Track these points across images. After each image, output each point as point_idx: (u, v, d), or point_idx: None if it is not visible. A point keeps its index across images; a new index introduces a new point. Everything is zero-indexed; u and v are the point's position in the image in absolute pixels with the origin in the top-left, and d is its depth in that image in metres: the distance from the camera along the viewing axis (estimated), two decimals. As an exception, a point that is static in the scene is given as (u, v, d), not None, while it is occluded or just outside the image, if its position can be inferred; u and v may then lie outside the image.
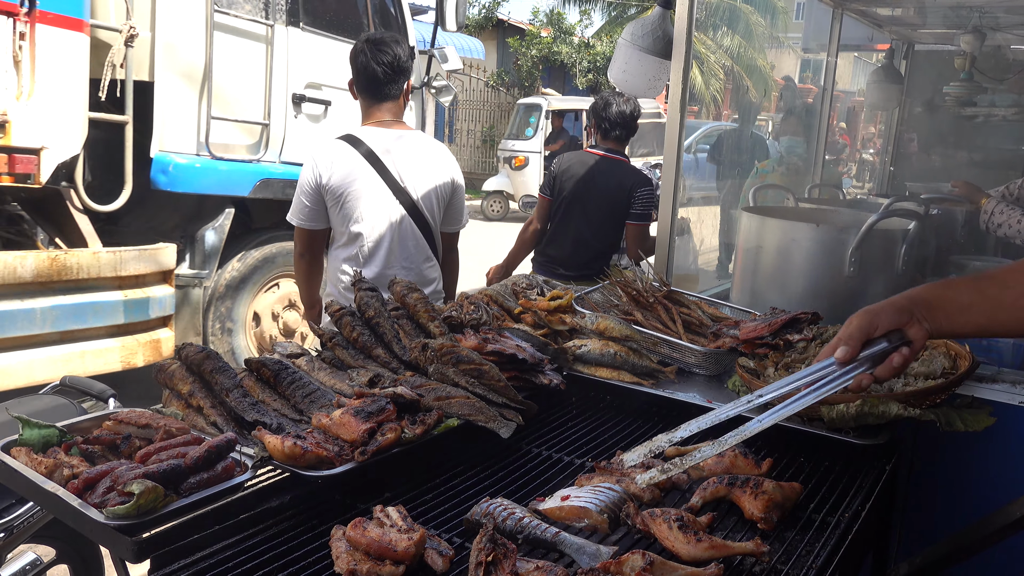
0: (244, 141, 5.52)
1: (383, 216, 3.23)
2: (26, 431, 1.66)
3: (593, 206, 4.35)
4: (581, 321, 2.45)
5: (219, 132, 5.30)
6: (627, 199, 4.30)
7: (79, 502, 1.42)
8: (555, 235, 4.49)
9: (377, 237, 3.23)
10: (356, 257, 3.26)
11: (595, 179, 4.34)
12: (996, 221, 2.97)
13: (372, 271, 3.24)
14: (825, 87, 5.36)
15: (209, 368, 1.90)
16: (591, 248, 4.37)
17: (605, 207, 4.34)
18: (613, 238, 4.45)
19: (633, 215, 4.32)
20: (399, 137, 3.28)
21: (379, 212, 3.22)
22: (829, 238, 2.72)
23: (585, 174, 4.35)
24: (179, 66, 5.07)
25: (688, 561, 1.42)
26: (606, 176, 4.34)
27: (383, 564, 1.36)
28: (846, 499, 1.72)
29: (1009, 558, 2.33)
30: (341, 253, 3.31)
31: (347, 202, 3.20)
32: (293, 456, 1.59)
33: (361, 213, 3.21)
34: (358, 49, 3.25)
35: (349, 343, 2.24)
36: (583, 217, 4.37)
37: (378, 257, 3.25)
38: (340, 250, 3.32)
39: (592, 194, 4.33)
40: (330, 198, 3.21)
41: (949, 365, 2.18)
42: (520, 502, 1.63)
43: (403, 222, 3.26)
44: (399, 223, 3.25)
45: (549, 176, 4.53)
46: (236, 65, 5.32)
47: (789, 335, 2.30)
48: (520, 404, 2.02)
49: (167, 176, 5.05)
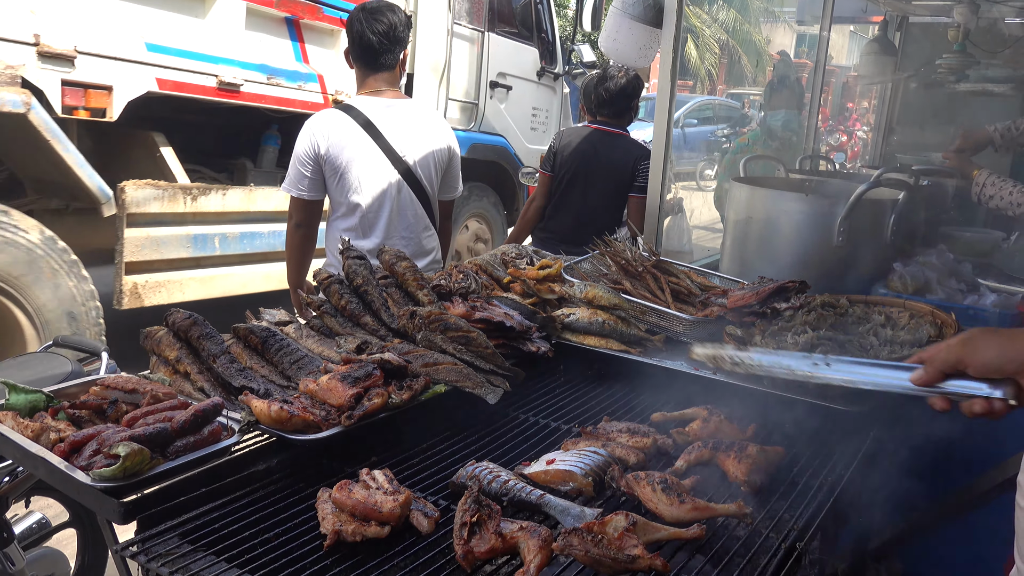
0: (460, 115, 7.36)
1: (382, 186, 3.20)
2: (12, 396, 1.66)
3: (595, 180, 4.28)
4: (570, 290, 2.45)
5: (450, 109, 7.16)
6: (630, 172, 4.22)
7: (66, 465, 1.43)
8: (556, 210, 4.42)
9: (377, 207, 3.20)
10: (356, 228, 3.22)
11: (597, 153, 4.27)
12: (987, 193, 2.97)
13: (373, 241, 3.20)
14: (818, 59, 5.34)
15: (196, 334, 1.90)
16: (593, 223, 4.13)
17: (608, 181, 4.27)
18: (615, 212, 4.37)
19: (636, 188, 4.22)
20: (395, 106, 3.24)
21: (378, 182, 3.19)
22: (818, 208, 2.72)
23: (587, 148, 4.29)
24: (429, 62, 6.78)
25: (671, 522, 1.44)
26: (608, 150, 4.27)
27: (368, 525, 1.37)
28: (829, 463, 1.74)
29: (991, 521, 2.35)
30: (340, 224, 3.27)
31: (346, 172, 3.16)
32: (280, 420, 1.60)
33: (360, 183, 3.17)
34: (353, 18, 3.18)
35: (337, 311, 2.24)
36: (585, 192, 4.30)
37: (378, 227, 3.22)
38: (339, 221, 3.28)
39: (594, 168, 4.27)
40: (328, 168, 3.17)
41: (935, 333, 2.19)
42: (506, 466, 1.65)
43: (402, 191, 3.23)
44: (398, 192, 3.22)
45: (549, 151, 4.43)
46: (459, 60, 7.16)
47: (777, 303, 2.31)
48: (507, 371, 2.03)
49: None
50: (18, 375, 2.42)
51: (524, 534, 1.32)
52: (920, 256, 2.86)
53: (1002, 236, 3.47)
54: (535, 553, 1.28)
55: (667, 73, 3.01)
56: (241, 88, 5.30)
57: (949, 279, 2.75)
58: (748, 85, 22.61)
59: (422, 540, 1.40)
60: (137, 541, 1.34)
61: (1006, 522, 2.34)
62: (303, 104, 5.72)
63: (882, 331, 2.23)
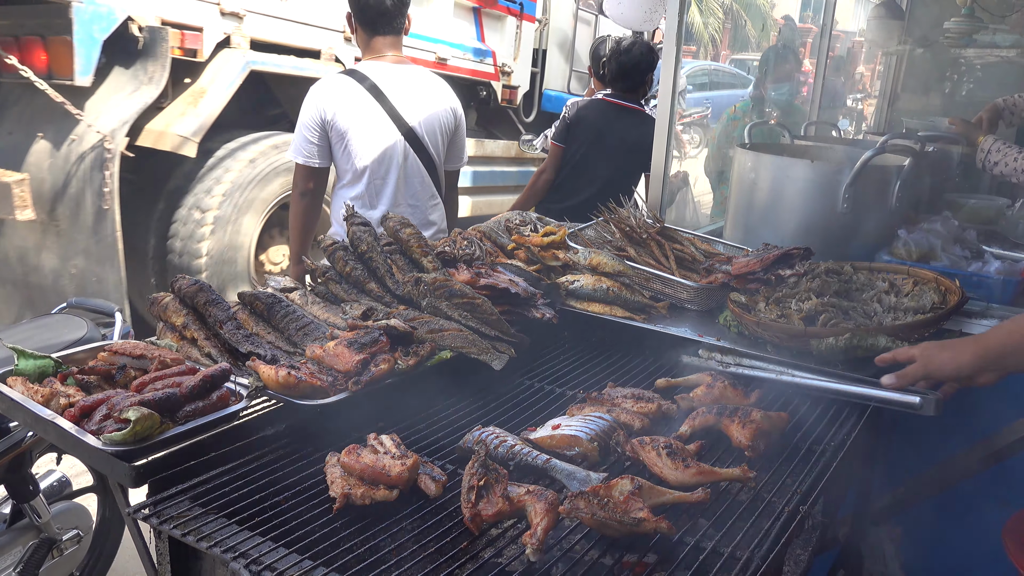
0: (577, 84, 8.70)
1: (388, 153, 3.14)
2: (21, 361, 1.67)
3: (611, 157, 4.17)
4: (574, 257, 2.46)
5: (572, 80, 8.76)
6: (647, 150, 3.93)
7: (76, 429, 1.44)
8: (569, 186, 4.29)
9: (383, 174, 3.15)
10: (363, 196, 3.17)
11: (613, 129, 4.16)
12: (992, 159, 2.95)
13: (380, 210, 3.14)
14: (824, 23, 5.27)
15: (202, 300, 1.91)
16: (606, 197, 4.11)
17: (623, 158, 4.17)
18: (629, 189, 4.24)
19: None
20: (401, 71, 3.19)
21: (384, 148, 3.14)
22: (823, 174, 2.71)
23: (602, 124, 4.18)
24: (557, 39, 8.35)
25: (676, 486, 1.46)
26: (624, 126, 4.17)
27: (377, 488, 1.39)
28: (832, 429, 1.75)
29: (989, 487, 2.38)
30: (346, 192, 3.21)
31: (352, 139, 3.11)
32: (287, 386, 1.61)
33: (366, 150, 3.12)
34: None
35: (342, 277, 2.24)
36: (599, 169, 4.19)
37: (384, 195, 3.18)
38: (345, 189, 3.22)
39: (610, 145, 4.16)
40: (334, 134, 3.12)
41: (938, 300, 2.20)
42: (512, 432, 1.66)
43: (408, 158, 3.17)
44: (404, 159, 3.16)
45: (563, 123, 4.30)
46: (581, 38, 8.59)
47: (781, 270, 2.32)
48: (512, 337, 2.04)
49: (550, 102, 8.40)
50: (38, 336, 2.46)
51: (531, 497, 1.34)
52: (925, 223, 2.85)
53: (1007, 203, 3.46)
54: (542, 516, 1.30)
55: (672, 38, 2.97)
56: (448, 62, 6.77)
57: (953, 246, 2.75)
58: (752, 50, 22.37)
59: (430, 503, 1.42)
60: (149, 504, 1.36)
61: (1005, 487, 2.37)
62: (483, 74, 7.41)
63: (886, 298, 2.23)
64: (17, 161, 4.36)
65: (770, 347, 2.11)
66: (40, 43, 4.24)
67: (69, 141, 4.30)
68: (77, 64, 4.19)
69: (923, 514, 2.51)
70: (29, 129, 4.43)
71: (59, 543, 2.60)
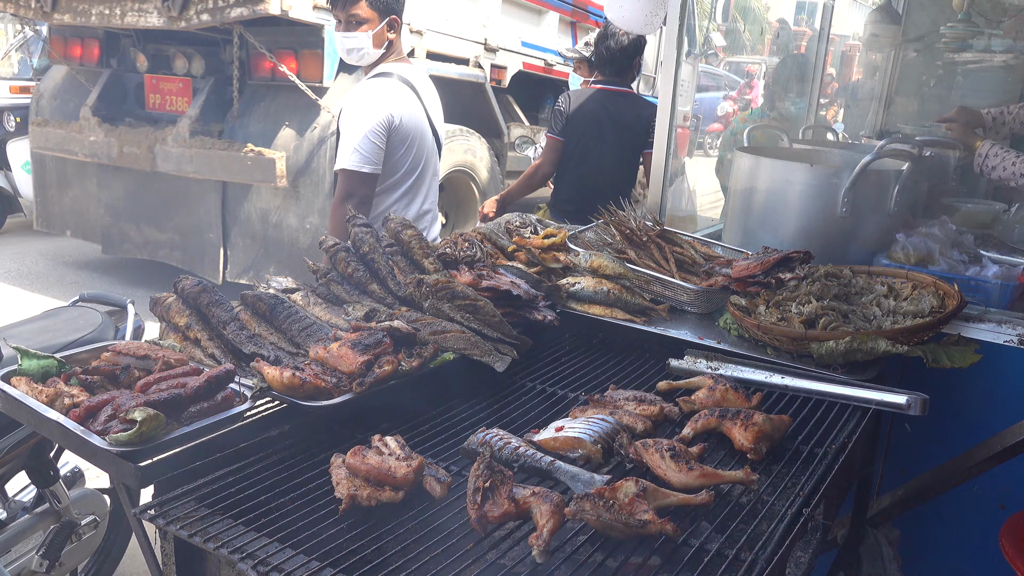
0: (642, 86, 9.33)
1: (432, 157, 3.24)
2: (25, 361, 1.67)
3: (609, 142, 4.21)
4: (575, 259, 2.46)
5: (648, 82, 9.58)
6: (643, 129, 4.14)
7: (82, 429, 1.45)
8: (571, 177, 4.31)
9: (428, 178, 3.25)
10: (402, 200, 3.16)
11: (608, 114, 4.20)
12: (990, 164, 2.97)
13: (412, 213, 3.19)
14: (822, 28, 5.30)
15: (206, 301, 1.91)
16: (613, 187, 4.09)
17: (622, 142, 4.22)
18: (631, 172, 4.35)
19: (650, 143, 3.87)
20: (419, 72, 3.27)
21: (431, 154, 3.23)
22: (823, 178, 2.72)
23: (597, 110, 4.21)
24: None
25: (680, 489, 1.46)
26: (618, 110, 4.21)
27: (383, 490, 1.40)
28: (833, 432, 1.76)
29: (986, 489, 2.40)
30: (388, 198, 3.17)
31: (411, 145, 3.10)
32: (292, 387, 1.61)
33: (419, 155, 3.15)
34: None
35: (344, 278, 2.24)
36: (601, 155, 4.22)
37: (421, 197, 3.23)
38: (387, 195, 3.17)
39: (607, 130, 4.20)
40: (398, 140, 3.07)
41: (937, 304, 2.21)
42: (515, 433, 1.66)
43: (436, 163, 3.28)
44: (435, 164, 3.28)
45: (557, 114, 4.30)
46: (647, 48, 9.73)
47: (781, 273, 2.33)
48: (514, 339, 2.04)
49: None
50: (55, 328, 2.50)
51: (536, 499, 1.35)
52: (923, 227, 2.87)
53: (1003, 207, 3.48)
54: (547, 518, 1.30)
55: (673, 41, 2.99)
56: (553, 67, 8.50)
57: (951, 250, 2.76)
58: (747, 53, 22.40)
59: (435, 505, 1.43)
60: (155, 504, 1.36)
61: (1003, 490, 2.39)
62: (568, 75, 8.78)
63: (885, 301, 2.25)
64: (267, 143, 5.82)
65: (770, 350, 2.13)
66: (292, 54, 5.73)
67: (312, 127, 5.77)
68: (325, 70, 5.71)
69: (921, 516, 2.53)
70: (276, 119, 5.91)
71: (78, 527, 2.65)
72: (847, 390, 1.88)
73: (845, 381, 1.93)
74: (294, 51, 5.73)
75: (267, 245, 6.06)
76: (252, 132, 5.92)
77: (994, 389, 2.33)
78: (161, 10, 5.38)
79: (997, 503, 2.41)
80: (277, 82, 5.81)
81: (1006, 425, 2.27)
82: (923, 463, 2.48)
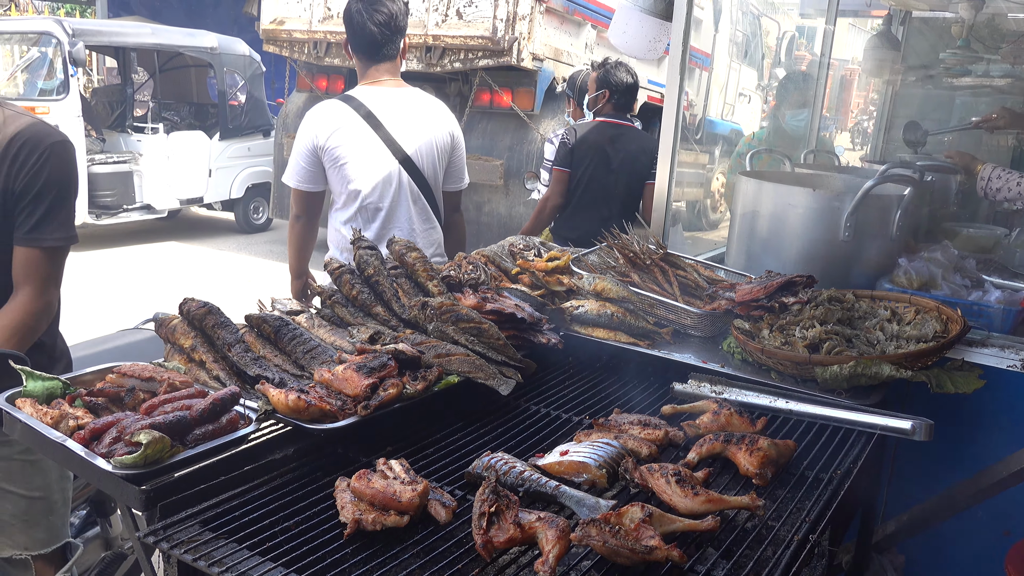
0: None
1: (382, 177, 3.18)
2: (30, 383, 1.67)
3: (617, 175, 4.39)
4: (578, 282, 2.47)
5: None
6: (648, 162, 4.32)
7: (86, 452, 1.44)
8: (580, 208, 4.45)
9: (376, 199, 3.19)
10: (355, 219, 3.21)
11: (615, 147, 4.37)
12: (994, 186, 2.98)
13: (372, 233, 3.19)
14: (823, 53, 5.34)
15: (211, 323, 1.91)
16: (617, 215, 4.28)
17: (628, 174, 4.40)
18: (635, 202, 4.53)
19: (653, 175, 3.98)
20: (397, 96, 3.22)
21: (378, 173, 3.17)
22: (825, 203, 2.74)
23: (603, 143, 4.38)
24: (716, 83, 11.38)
25: (685, 514, 1.46)
26: (624, 143, 4.39)
27: (388, 514, 1.39)
28: (838, 457, 1.76)
29: (991, 516, 2.39)
30: (340, 215, 3.26)
31: (345, 164, 3.14)
32: (297, 409, 1.61)
33: (360, 174, 3.15)
34: (352, 9, 3.13)
35: (348, 301, 2.25)
36: (608, 187, 4.40)
37: (378, 219, 3.22)
38: (339, 212, 3.27)
39: (614, 163, 4.37)
40: (328, 159, 3.15)
41: (941, 328, 2.22)
42: (519, 457, 1.66)
43: (402, 183, 3.21)
44: (398, 184, 3.20)
45: (564, 149, 4.46)
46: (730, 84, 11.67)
47: (784, 297, 2.33)
48: (519, 362, 2.05)
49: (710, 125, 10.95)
50: None
51: (542, 524, 1.34)
52: (925, 251, 2.88)
53: (1004, 232, 3.50)
54: (553, 543, 1.30)
55: (677, 66, 3.01)
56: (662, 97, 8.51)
57: (954, 275, 2.77)
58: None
59: (440, 530, 1.42)
60: (159, 528, 1.35)
61: (1008, 516, 2.38)
62: None
63: (888, 326, 2.25)
64: (485, 154, 8.01)
65: (774, 374, 2.13)
66: (510, 91, 7.97)
67: (523, 143, 7.92)
68: (536, 102, 7.94)
69: (926, 542, 2.52)
70: (493, 136, 8.11)
71: (128, 558, 2.66)
72: (852, 415, 1.88)
73: (849, 406, 1.93)
74: (511, 88, 7.98)
75: (479, 230, 7.85)
76: (472, 146, 7.72)
77: (999, 415, 2.33)
78: (421, 59, 7.95)
79: (1002, 529, 2.39)
80: (493, 110, 8.07)
81: (1011, 451, 2.26)
82: (928, 489, 2.47)
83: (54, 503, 2.36)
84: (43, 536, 2.35)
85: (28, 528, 2.33)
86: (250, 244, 11.07)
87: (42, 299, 2.15)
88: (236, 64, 11.29)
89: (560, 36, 8.67)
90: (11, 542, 2.33)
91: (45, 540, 2.35)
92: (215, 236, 11.41)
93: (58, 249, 2.17)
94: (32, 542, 2.34)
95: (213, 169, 11.14)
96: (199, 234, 11.49)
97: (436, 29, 8.09)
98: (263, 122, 11.71)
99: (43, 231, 2.12)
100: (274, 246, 10.86)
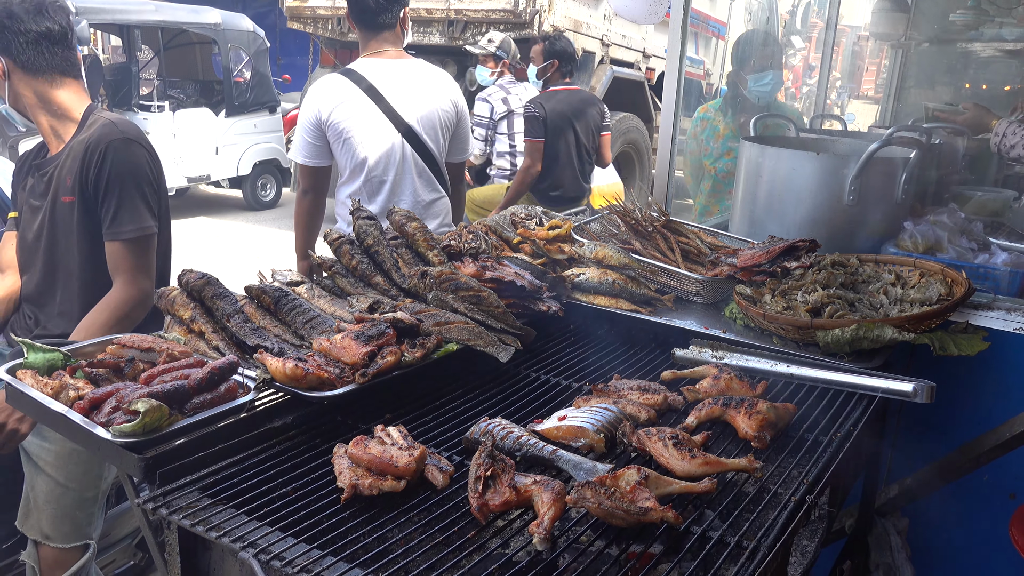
0: None
1: (386, 150, 3.17)
2: (31, 354, 1.68)
3: (579, 134, 5.22)
4: (580, 250, 2.46)
5: None
6: (599, 118, 5.35)
7: (86, 421, 1.45)
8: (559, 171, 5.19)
9: (381, 171, 3.19)
10: (361, 192, 3.22)
11: (574, 111, 5.19)
12: (1009, 142, 2.91)
13: (378, 205, 3.20)
14: (829, 17, 5.26)
15: (210, 294, 1.92)
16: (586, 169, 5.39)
17: (587, 132, 5.26)
18: (593, 152, 5.43)
19: (605, 127, 5.42)
20: (398, 67, 3.20)
21: (382, 146, 3.17)
22: (829, 167, 2.70)
23: (565, 109, 5.16)
24: None
25: (682, 477, 1.46)
26: (580, 105, 5.24)
27: (384, 479, 1.40)
28: (838, 420, 1.75)
29: (996, 478, 2.38)
30: (346, 189, 3.27)
31: (349, 137, 3.14)
32: (295, 378, 1.62)
33: (364, 148, 3.15)
34: None
35: (348, 271, 2.25)
36: (574, 146, 5.21)
37: (383, 191, 3.21)
38: (345, 186, 3.28)
39: (576, 124, 5.20)
40: (332, 134, 3.15)
41: (945, 292, 2.20)
42: (518, 423, 1.66)
43: (406, 154, 3.21)
44: (402, 156, 3.20)
45: (537, 120, 5.09)
46: None
47: (786, 262, 2.32)
48: (518, 330, 2.04)
49: None
50: None
51: (538, 487, 1.35)
52: (931, 215, 2.85)
53: (1013, 195, 3.45)
54: (548, 506, 1.30)
55: (677, 31, 2.97)
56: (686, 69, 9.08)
57: (960, 238, 2.74)
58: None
59: (437, 494, 1.43)
60: (159, 495, 1.36)
61: (1014, 479, 2.37)
62: (696, 76, 9.71)
63: (892, 290, 2.23)
64: None
65: (776, 339, 2.12)
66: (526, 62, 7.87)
67: None
68: None
69: (930, 505, 2.52)
70: None
71: None
72: (853, 378, 1.87)
73: (851, 369, 1.92)
74: None
75: None
76: None
77: (1002, 377, 2.31)
78: (444, 32, 8.23)
79: (1008, 492, 2.39)
80: None
81: (1015, 413, 2.25)
82: (932, 453, 2.47)
83: (84, 499, 2.39)
84: (67, 529, 2.38)
85: (55, 517, 2.36)
86: (258, 221, 11.13)
87: (133, 288, 2.29)
88: (240, 40, 11.25)
89: (579, 8, 8.87)
90: (37, 526, 2.36)
91: (67, 534, 2.39)
92: (223, 213, 11.47)
93: (136, 240, 2.31)
94: (55, 533, 2.37)
95: (220, 146, 11.19)
96: (207, 212, 11.55)
97: (458, 3, 8.23)
98: (269, 98, 11.74)
99: (118, 225, 2.28)
100: (282, 222, 10.92)
